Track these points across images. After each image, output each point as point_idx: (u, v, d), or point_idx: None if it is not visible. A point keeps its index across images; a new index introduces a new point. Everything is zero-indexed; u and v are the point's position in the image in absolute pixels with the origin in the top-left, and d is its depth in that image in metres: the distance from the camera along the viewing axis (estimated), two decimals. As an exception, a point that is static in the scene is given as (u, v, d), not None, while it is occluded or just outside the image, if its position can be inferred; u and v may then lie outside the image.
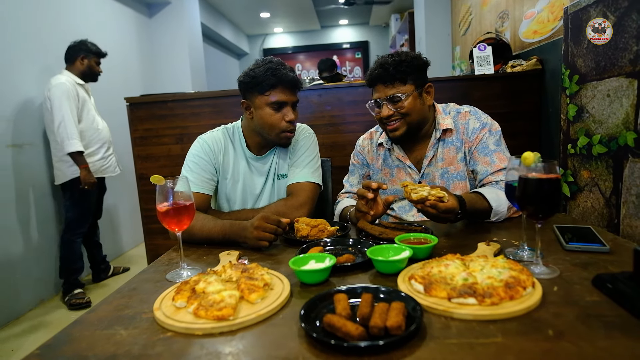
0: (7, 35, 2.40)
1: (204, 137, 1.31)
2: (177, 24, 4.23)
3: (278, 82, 1.19)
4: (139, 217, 2.43)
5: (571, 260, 0.81)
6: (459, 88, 2.24)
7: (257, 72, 1.20)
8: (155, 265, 0.98)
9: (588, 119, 1.54)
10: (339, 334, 0.56)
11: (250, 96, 1.24)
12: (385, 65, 1.19)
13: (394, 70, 1.18)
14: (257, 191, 1.34)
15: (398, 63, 1.18)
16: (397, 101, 1.20)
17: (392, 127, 1.23)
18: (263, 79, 1.19)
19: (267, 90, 1.20)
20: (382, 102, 1.22)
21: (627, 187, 1.36)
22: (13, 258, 2.35)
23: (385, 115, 1.22)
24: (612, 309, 0.62)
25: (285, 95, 1.21)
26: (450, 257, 0.77)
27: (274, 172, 1.35)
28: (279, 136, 1.25)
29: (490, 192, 1.11)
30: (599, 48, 1.47)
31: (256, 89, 1.21)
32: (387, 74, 1.19)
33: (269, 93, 1.20)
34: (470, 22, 3.48)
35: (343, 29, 8.00)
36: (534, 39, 2.31)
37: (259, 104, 1.22)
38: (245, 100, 1.26)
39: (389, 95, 1.20)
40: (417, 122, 1.24)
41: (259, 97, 1.22)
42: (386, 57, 1.22)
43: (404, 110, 1.20)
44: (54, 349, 0.61)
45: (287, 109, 1.22)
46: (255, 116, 1.24)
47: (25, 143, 2.48)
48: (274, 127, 1.23)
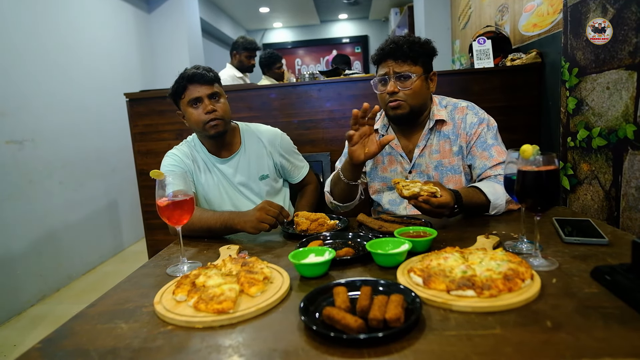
0: (6, 29, 2.39)
1: (171, 151, 1.38)
2: (176, 19, 4.20)
3: (187, 81, 1.26)
4: (139, 213, 2.43)
5: (570, 253, 0.81)
6: (458, 82, 2.23)
7: (175, 81, 1.28)
8: (155, 259, 0.98)
9: (588, 112, 1.54)
10: (339, 326, 0.56)
11: (179, 105, 1.32)
12: (400, 42, 1.18)
13: (407, 48, 1.17)
14: (232, 192, 1.39)
15: (412, 43, 1.18)
16: (406, 79, 1.18)
17: (396, 105, 1.20)
18: (176, 86, 1.28)
19: (182, 93, 1.27)
20: (389, 78, 1.19)
21: (627, 179, 1.36)
22: (13, 254, 2.35)
23: (390, 90, 1.18)
24: (611, 300, 0.62)
25: (197, 90, 1.26)
26: (449, 250, 0.78)
27: (247, 174, 1.39)
28: (205, 129, 1.29)
29: (487, 185, 1.11)
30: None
31: (176, 96, 1.29)
32: (400, 51, 1.17)
33: (184, 95, 1.27)
34: (469, 16, 3.45)
35: (342, 23, 7.95)
36: (533, 32, 2.30)
37: (184, 109, 1.30)
38: (179, 111, 1.33)
39: (399, 72, 1.18)
40: (419, 107, 1.23)
41: (181, 102, 1.30)
42: (398, 36, 1.20)
43: (410, 92, 1.18)
44: (55, 343, 0.62)
45: (204, 103, 1.27)
46: (187, 121, 1.31)
47: (25, 139, 2.48)
48: (198, 123, 1.28)
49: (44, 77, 2.66)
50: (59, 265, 2.69)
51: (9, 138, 2.37)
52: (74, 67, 2.96)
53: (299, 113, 2.29)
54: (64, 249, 2.74)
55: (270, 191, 1.42)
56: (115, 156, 3.34)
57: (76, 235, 2.86)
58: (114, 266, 3.10)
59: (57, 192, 2.71)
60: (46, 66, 2.68)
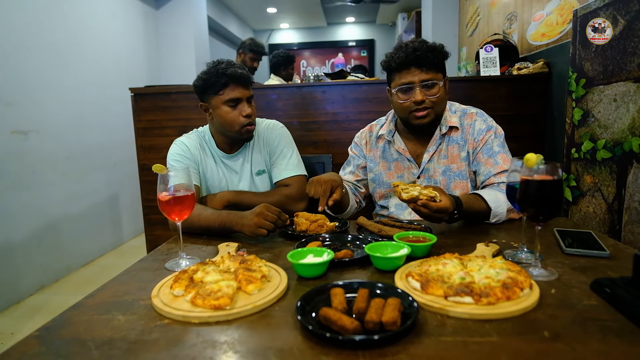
0: (14, 22, 2.40)
1: (180, 139, 1.37)
2: (184, 16, 4.22)
3: (229, 80, 1.23)
4: (140, 208, 2.44)
5: (570, 264, 0.81)
6: (464, 89, 2.23)
7: (209, 74, 1.24)
8: (154, 254, 0.99)
9: (593, 124, 1.53)
10: (335, 327, 0.56)
11: (207, 98, 1.28)
12: (422, 49, 1.15)
13: (431, 55, 1.15)
14: (235, 188, 1.37)
15: (433, 49, 1.15)
16: (433, 87, 1.16)
17: (424, 114, 1.17)
18: (215, 80, 1.23)
19: (221, 90, 1.24)
20: (415, 87, 1.16)
21: (631, 193, 1.35)
22: (14, 243, 2.36)
23: (419, 99, 1.16)
24: (610, 313, 0.62)
25: (239, 91, 1.25)
26: (448, 256, 0.77)
27: (249, 169, 1.38)
28: (239, 132, 1.28)
29: (489, 193, 1.11)
30: (607, 52, 1.45)
31: (210, 90, 1.25)
32: (426, 58, 1.15)
33: (223, 92, 1.24)
34: (477, 23, 3.45)
35: (349, 26, 7.97)
36: (541, 41, 2.30)
37: (215, 104, 1.26)
38: (203, 103, 1.31)
39: (426, 79, 1.16)
40: (441, 113, 1.23)
41: (214, 97, 1.26)
42: (417, 43, 1.17)
43: (437, 99, 1.17)
44: (52, 332, 0.62)
45: (243, 104, 1.26)
46: (215, 116, 1.29)
47: (30, 130, 2.49)
48: (233, 124, 1.27)
49: (51, 69, 2.68)
50: (59, 256, 2.70)
51: (14, 128, 2.38)
52: (80, 61, 2.98)
53: (302, 114, 2.30)
54: (64, 241, 2.75)
55: (268, 188, 1.41)
56: (118, 150, 3.35)
57: (76, 227, 2.87)
58: (113, 259, 3.11)
59: (59, 183, 2.72)
60: (53, 59, 2.69)
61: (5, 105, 2.33)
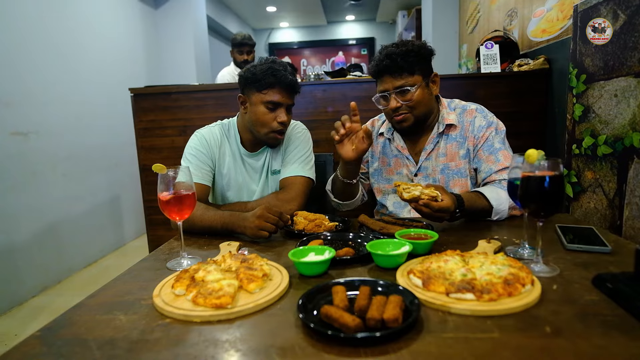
0: (13, 22, 2.40)
1: (201, 131, 1.33)
2: (183, 15, 4.22)
3: (276, 82, 1.20)
4: (141, 208, 2.44)
5: (572, 260, 0.81)
6: (464, 86, 2.22)
7: (258, 69, 1.22)
8: (156, 253, 0.99)
9: (594, 119, 1.53)
10: (336, 324, 0.56)
11: (248, 92, 1.25)
12: (393, 56, 1.16)
13: (402, 61, 1.15)
14: (252, 187, 1.36)
15: (405, 53, 1.15)
16: (406, 93, 1.18)
17: (400, 119, 1.21)
18: (262, 77, 1.20)
19: (265, 89, 1.21)
20: (389, 95, 1.20)
21: (632, 188, 1.35)
22: (15, 245, 2.37)
23: (393, 107, 1.19)
24: (611, 308, 0.61)
25: (282, 96, 1.22)
26: (449, 253, 0.77)
27: (267, 169, 1.37)
28: (267, 135, 1.26)
29: (491, 191, 1.11)
30: (607, 47, 1.45)
31: (254, 85, 1.22)
32: (395, 65, 1.16)
33: (266, 92, 1.21)
34: (478, 20, 3.44)
35: (349, 25, 7.96)
36: (542, 37, 2.29)
37: (255, 100, 1.24)
38: (242, 94, 1.28)
39: (397, 86, 1.17)
40: (424, 114, 1.23)
41: (256, 93, 1.23)
42: (392, 48, 1.18)
43: (413, 103, 1.18)
44: (54, 332, 0.62)
45: (281, 111, 1.23)
46: (250, 111, 1.26)
47: (30, 131, 2.49)
48: (265, 126, 1.24)
49: (50, 69, 2.68)
50: (61, 257, 2.70)
51: (14, 129, 2.39)
52: (80, 61, 2.98)
53: (303, 113, 2.30)
54: (65, 242, 2.76)
55: (278, 188, 1.37)
56: (119, 151, 3.35)
57: (78, 229, 2.87)
58: (115, 260, 3.11)
59: (60, 184, 2.73)
60: (52, 59, 2.69)
61: (4, 106, 2.33)
